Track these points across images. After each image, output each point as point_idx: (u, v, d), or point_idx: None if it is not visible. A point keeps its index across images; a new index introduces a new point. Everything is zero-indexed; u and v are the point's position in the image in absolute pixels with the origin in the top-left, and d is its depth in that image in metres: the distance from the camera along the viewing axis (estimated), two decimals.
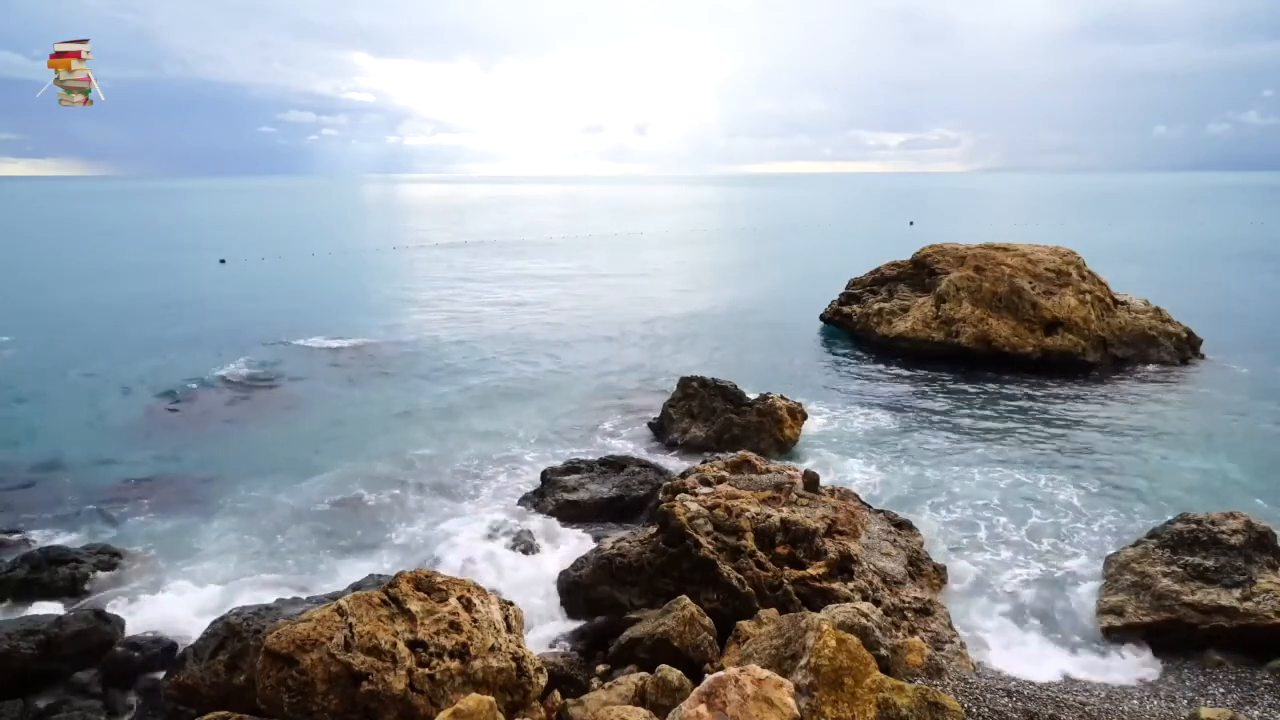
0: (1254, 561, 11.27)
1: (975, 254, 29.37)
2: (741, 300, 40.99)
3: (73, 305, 40.32)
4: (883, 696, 7.51)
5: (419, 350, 30.13)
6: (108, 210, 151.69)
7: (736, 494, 13.00)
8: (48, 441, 20.09)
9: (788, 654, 8.32)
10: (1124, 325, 27.61)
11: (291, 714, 7.93)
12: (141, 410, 22.83)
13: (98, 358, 28.86)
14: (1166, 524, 12.43)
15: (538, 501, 16.03)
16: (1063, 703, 9.15)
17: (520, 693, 8.54)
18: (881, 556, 12.37)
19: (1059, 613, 12.01)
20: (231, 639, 9.58)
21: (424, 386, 25.20)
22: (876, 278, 32.74)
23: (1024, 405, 22.31)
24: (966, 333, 27.11)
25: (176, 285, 47.18)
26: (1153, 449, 18.76)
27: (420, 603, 8.79)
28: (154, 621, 11.76)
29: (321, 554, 14.39)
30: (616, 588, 11.81)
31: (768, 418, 19.06)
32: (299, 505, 16.31)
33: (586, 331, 33.43)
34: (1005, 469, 17.68)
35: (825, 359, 28.40)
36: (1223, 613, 10.70)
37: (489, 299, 42.03)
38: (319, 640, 8.10)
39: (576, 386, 25.08)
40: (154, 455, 19.10)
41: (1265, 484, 16.65)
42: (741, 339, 31.75)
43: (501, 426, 21.20)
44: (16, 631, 10.33)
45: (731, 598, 11.03)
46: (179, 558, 14.15)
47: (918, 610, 11.31)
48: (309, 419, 21.83)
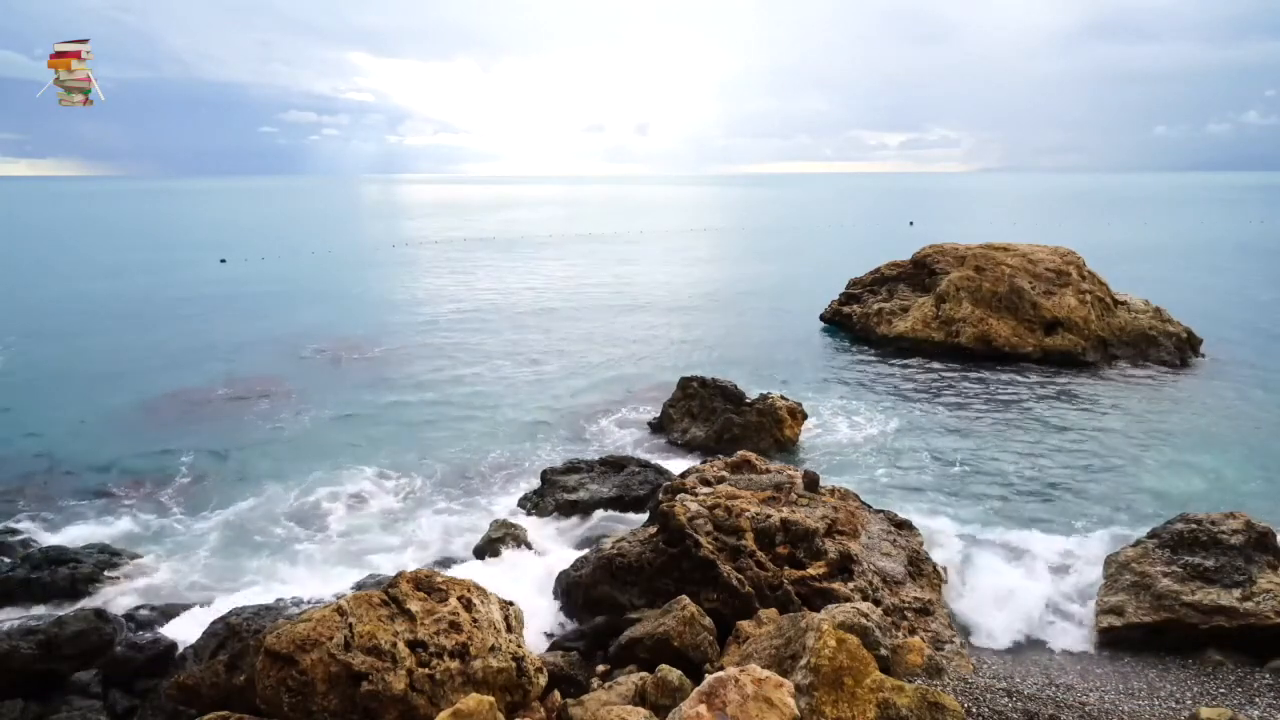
0: (1254, 561, 11.27)
1: (975, 254, 29.38)
2: (741, 300, 40.98)
3: (72, 305, 40.32)
4: (883, 696, 7.51)
5: (418, 350, 30.12)
6: (108, 210, 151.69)
7: (736, 494, 13.00)
8: (48, 441, 20.09)
9: (788, 654, 8.32)
10: (1124, 325, 27.61)
11: (291, 714, 7.92)
12: (141, 410, 22.83)
13: (97, 357, 28.86)
14: (1166, 524, 12.42)
15: (538, 501, 16.04)
16: (1063, 703, 9.15)
17: (520, 693, 8.54)
18: (881, 556, 12.36)
19: (1059, 612, 12.01)
20: (231, 639, 9.58)
21: (423, 386, 25.20)
22: (876, 277, 32.75)
23: (1023, 405, 22.30)
24: (966, 332, 27.11)
25: (176, 285, 47.19)
26: (1152, 449, 18.76)
27: (420, 603, 8.79)
28: (154, 621, 11.77)
29: (321, 554, 14.40)
30: (616, 588, 11.81)
31: (768, 418, 19.06)
32: (299, 505, 16.31)
33: (587, 331, 33.44)
34: (1004, 469, 17.69)
35: (825, 359, 28.39)
36: (1223, 613, 10.69)
37: (489, 299, 42.02)
38: (319, 640, 8.10)
39: (576, 386, 25.07)
40: (154, 455, 19.10)
41: (1265, 484, 16.66)
42: (741, 339, 31.74)
43: (501, 426, 21.21)
44: (16, 631, 10.34)
45: (731, 598, 11.03)
46: (178, 558, 14.16)
47: (918, 610, 11.30)
48: (308, 418, 21.82)
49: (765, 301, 40.36)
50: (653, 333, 33.10)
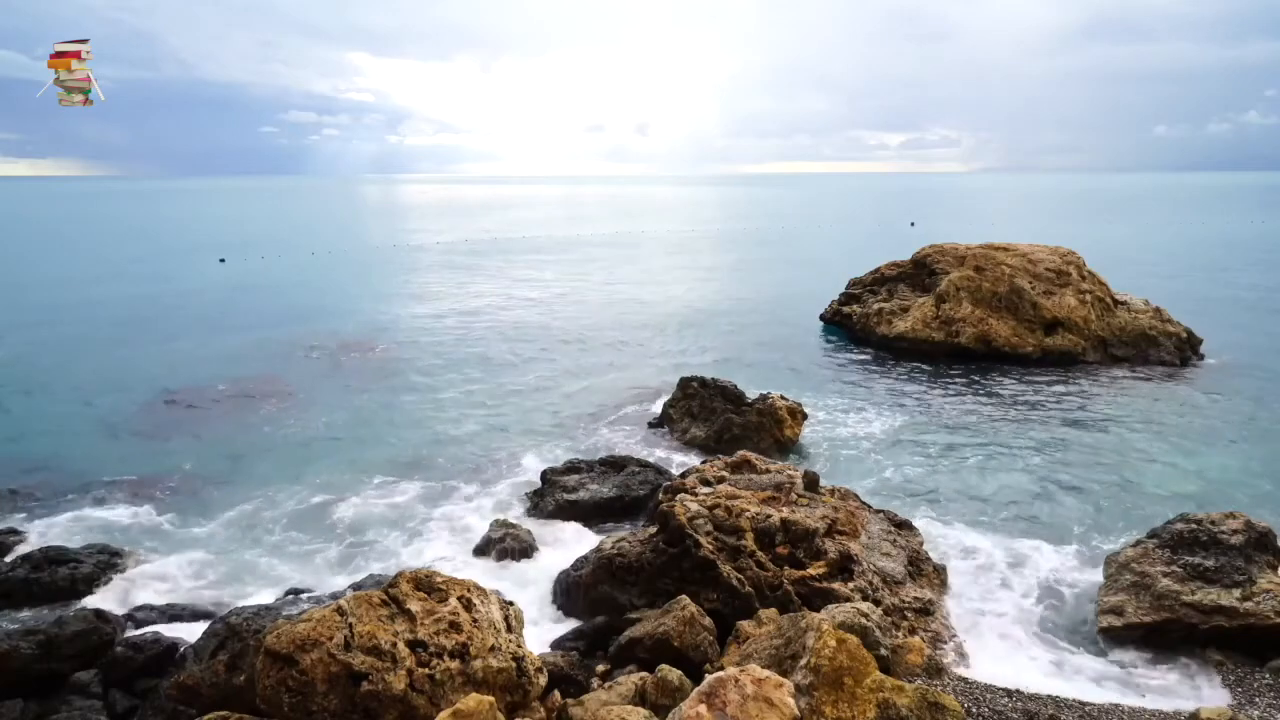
0: (1254, 561, 11.27)
1: (975, 254, 29.38)
2: (741, 300, 40.98)
3: (72, 305, 40.33)
4: (883, 696, 7.51)
5: (418, 350, 30.13)
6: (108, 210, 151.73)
7: (736, 494, 12.99)
8: (47, 441, 20.10)
9: (788, 654, 8.32)
10: (1124, 325, 27.61)
11: (291, 714, 7.92)
12: (141, 410, 22.84)
13: (97, 357, 28.87)
14: (1166, 524, 12.42)
15: (538, 501, 16.04)
16: (1063, 702, 9.15)
17: (520, 693, 8.54)
18: (881, 556, 12.36)
19: (1059, 613, 12.01)
20: (231, 639, 9.57)
21: (423, 386, 25.20)
22: (876, 278, 32.75)
23: (1023, 405, 22.30)
24: (966, 333, 27.11)
25: (176, 285, 47.21)
26: (1153, 449, 18.76)
27: (420, 603, 8.79)
28: (154, 621, 11.77)
29: (322, 554, 14.40)
30: (616, 588, 11.81)
31: (768, 418, 19.06)
32: (299, 505, 16.32)
33: (586, 331, 33.44)
34: (1005, 469, 17.69)
35: (825, 359, 28.39)
36: (1223, 613, 10.69)
37: (489, 299, 42.03)
38: (319, 640, 8.10)
39: (576, 386, 25.08)
40: (153, 455, 19.11)
41: (1265, 484, 16.66)
42: (741, 339, 31.74)
43: (501, 426, 21.21)
44: (16, 631, 10.33)
45: (731, 598, 11.03)
46: (179, 557, 14.15)
47: (918, 610, 11.31)
48: (308, 418, 21.82)
49: (765, 301, 40.36)
50: (653, 333, 33.11)
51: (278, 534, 15.11)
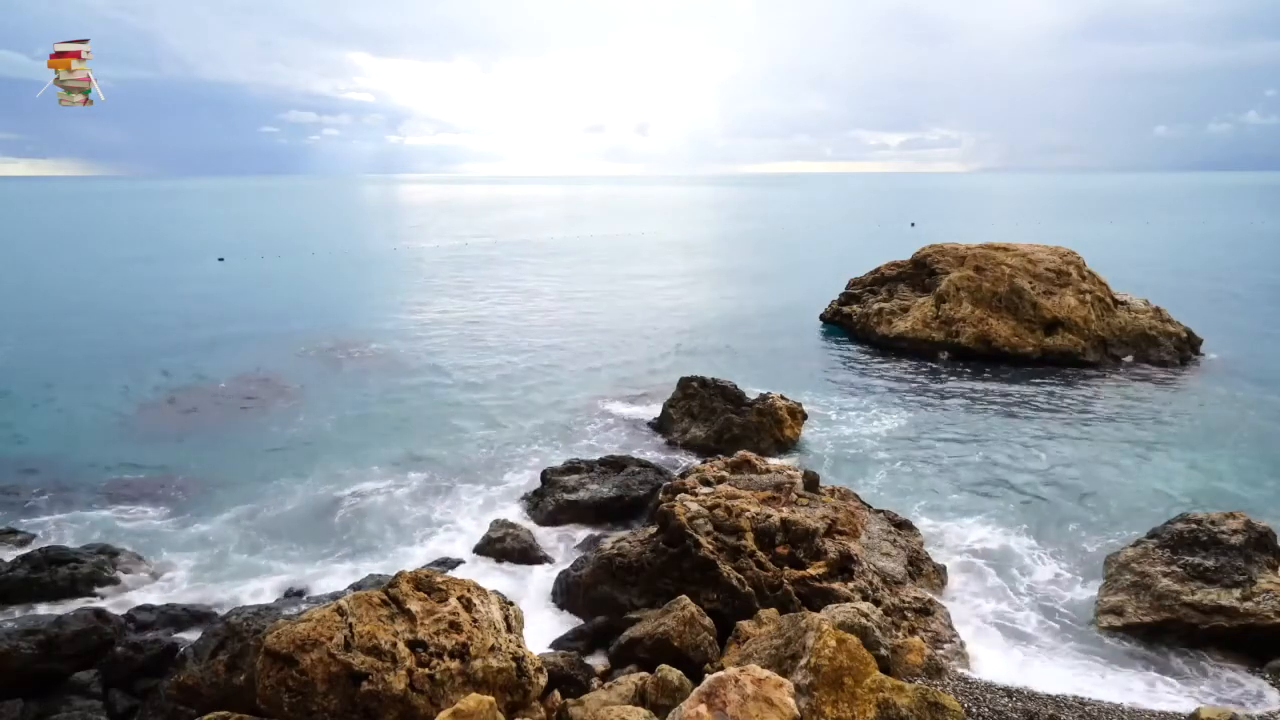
0: (1254, 561, 11.27)
1: (975, 254, 29.38)
2: (741, 300, 40.99)
3: (72, 305, 40.33)
4: (883, 696, 7.51)
5: (418, 350, 30.12)
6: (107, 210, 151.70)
7: (736, 494, 12.99)
8: (47, 441, 20.09)
9: (788, 654, 8.32)
10: (1124, 325, 27.61)
11: (291, 714, 7.92)
12: (140, 410, 22.84)
13: (96, 357, 28.86)
14: (1166, 524, 12.43)
15: (538, 501, 16.04)
16: (1063, 702, 9.15)
17: (520, 693, 8.54)
18: (881, 556, 12.37)
19: (1059, 612, 12.01)
20: (231, 639, 9.57)
21: (423, 386, 25.20)
22: (876, 278, 32.76)
23: (1023, 405, 22.31)
24: (966, 332, 27.12)
25: (175, 285, 47.19)
26: (1152, 448, 18.76)
27: (420, 603, 8.79)
28: (154, 621, 11.76)
29: (321, 554, 14.40)
30: (616, 588, 11.81)
31: (768, 418, 19.06)
32: (299, 505, 16.31)
33: (586, 331, 33.44)
34: (1005, 469, 17.68)
35: (825, 359, 28.39)
36: (1223, 613, 10.70)
37: (489, 299, 42.03)
38: (319, 640, 8.10)
39: (577, 387, 25.07)
40: (153, 455, 19.10)
41: (1265, 484, 16.66)
42: (741, 339, 31.75)
43: (501, 426, 21.20)
44: (16, 631, 10.32)
45: (731, 598, 11.03)
46: (178, 557, 14.16)
47: (918, 610, 11.30)
48: (308, 418, 21.82)
49: (765, 301, 40.36)
50: (653, 333, 33.11)
51: (278, 534, 15.10)
